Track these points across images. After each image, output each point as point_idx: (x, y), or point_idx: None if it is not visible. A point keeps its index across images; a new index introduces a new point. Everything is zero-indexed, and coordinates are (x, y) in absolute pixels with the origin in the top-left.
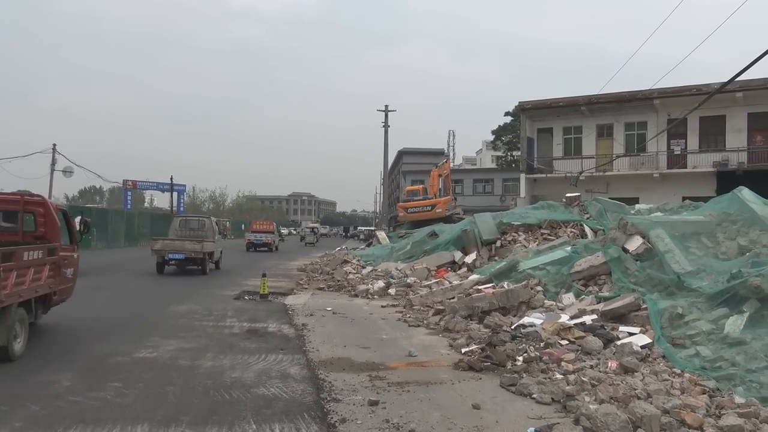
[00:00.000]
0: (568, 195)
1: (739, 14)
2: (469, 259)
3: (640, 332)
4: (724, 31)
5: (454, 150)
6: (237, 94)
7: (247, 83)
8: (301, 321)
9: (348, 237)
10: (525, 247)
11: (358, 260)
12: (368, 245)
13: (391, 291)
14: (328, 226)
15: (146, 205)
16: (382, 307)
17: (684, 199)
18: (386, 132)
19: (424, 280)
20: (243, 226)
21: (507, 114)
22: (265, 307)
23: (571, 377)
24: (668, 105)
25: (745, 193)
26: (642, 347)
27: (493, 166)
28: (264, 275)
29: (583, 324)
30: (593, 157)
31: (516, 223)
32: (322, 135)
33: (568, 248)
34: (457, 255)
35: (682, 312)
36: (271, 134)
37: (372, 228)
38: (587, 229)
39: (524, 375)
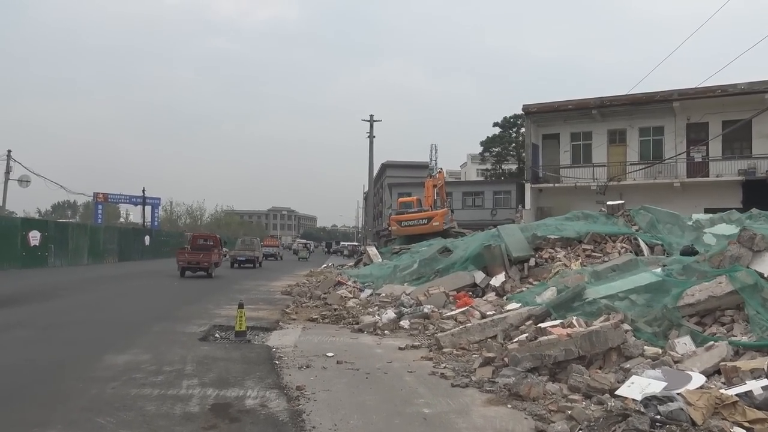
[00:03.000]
0: (609, 203)
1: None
2: (497, 281)
3: None
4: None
5: (436, 164)
6: (215, 108)
7: (226, 97)
8: (294, 380)
9: (331, 253)
10: (566, 266)
11: (354, 282)
12: (358, 262)
13: (404, 323)
14: (312, 242)
15: (122, 219)
16: (400, 349)
17: (706, 210)
18: (371, 142)
19: (443, 308)
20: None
21: (496, 125)
22: (242, 353)
23: None
24: (688, 108)
25: None
26: None
27: (479, 179)
28: (241, 305)
29: (748, 394)
30: (605, 165)
31: (552, 236)
32: (302, 150)
33: (658, 270)
34: (479, 276)
35: None
36: (250, 148)
37: (355, 243)
38: (642, 244)
39: None
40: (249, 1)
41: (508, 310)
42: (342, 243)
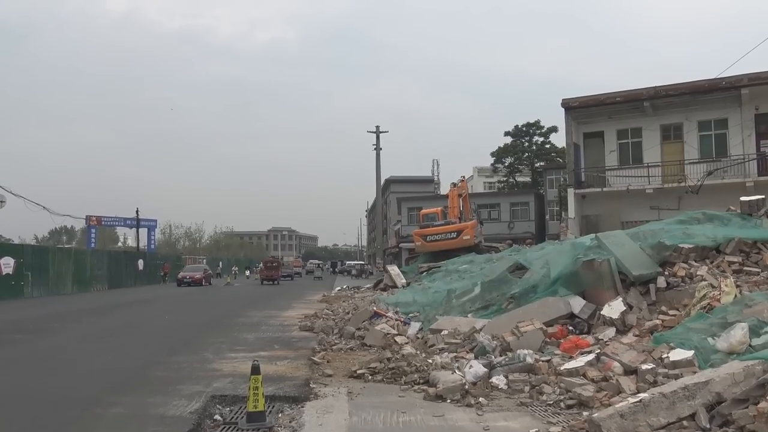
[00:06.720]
0: (743, 199)
1: None
2: (612, 311)
3: None
4: None
5: (438, 179)
6: (214, 130)
7: (225, 119)
8: None
9: (336, 273)
10: (713, 287)
11: (396, 312)
12: (377, 284)
13: (498, 381)
14: (319, 262)
15: (120, 244)
16: None
17: None
18: (378, 155)
19: (543, 354)
20: (220, 263)
21: (507, 134)
22: None
23: None
24: (757, 96)
25: None
26: None
27: (491, 191)
28: (255, 369)
29: None
30: (659, 165)
31: (685, 245)
32: (301, 169)
33: None
34: (576, 304)
35: None
36: (249, 169)
37: (361, 262)
38: None
39: None
40: (248, 24)
41: (678, 363)
42: (348, 262)
